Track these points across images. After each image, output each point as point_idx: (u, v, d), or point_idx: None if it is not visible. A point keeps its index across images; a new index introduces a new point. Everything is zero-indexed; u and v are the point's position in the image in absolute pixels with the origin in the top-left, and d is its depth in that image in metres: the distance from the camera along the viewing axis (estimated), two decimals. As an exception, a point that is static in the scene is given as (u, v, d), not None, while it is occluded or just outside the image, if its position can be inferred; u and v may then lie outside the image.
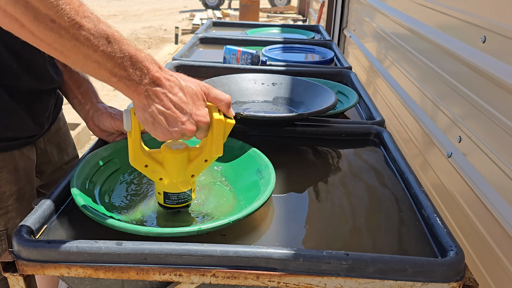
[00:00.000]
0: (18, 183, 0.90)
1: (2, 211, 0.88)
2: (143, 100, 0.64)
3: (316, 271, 0.61)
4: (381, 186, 0.90)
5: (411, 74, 1.77)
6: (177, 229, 0.65)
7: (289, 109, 1.17)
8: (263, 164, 0.84)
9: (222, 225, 0.66)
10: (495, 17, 1.13)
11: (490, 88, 1.14)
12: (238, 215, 0.68)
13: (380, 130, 1.07)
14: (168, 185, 0.73)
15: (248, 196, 0.79)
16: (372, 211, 0.81)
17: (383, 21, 2.26)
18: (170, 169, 0.72)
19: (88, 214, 0.68)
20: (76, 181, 0.75)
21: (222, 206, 0.80)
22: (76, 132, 3.21)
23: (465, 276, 0.63)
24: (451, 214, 1.34)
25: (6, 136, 0.86)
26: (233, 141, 0.93)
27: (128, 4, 13.92)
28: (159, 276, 0.62)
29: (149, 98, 0.64)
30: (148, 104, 0.64)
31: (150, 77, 0.64)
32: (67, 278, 0.64)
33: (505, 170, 1.05)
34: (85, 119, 0.97)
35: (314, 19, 5.35)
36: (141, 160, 0.71)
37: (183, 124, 0.66)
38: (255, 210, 0.70)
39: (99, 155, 0.85)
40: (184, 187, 0.74)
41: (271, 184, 0.77)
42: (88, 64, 0.61)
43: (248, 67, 1.50)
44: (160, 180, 0.73)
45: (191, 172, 0.74)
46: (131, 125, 0.68)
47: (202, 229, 0.65)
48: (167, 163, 0.72)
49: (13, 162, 0.88)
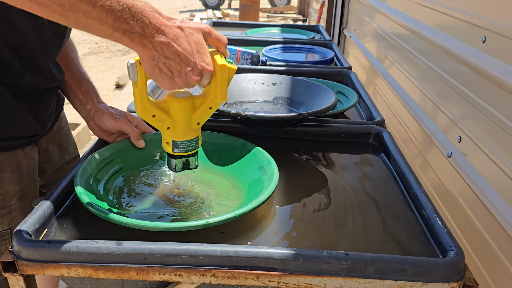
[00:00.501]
0: (21, 183, 0.90)
1: (6, 211, 0.88)
2: (149, 52, 0.65)
3: (316, 271, 0.61)
4: (381, 186, 0.90)
5: (411, 74, 1.77)
6: (184, 223, 0.66)
7: (289, 109, 1.17)
8: (265, 160, 0.85)
9: (228, 218, 0.67)
10: (495, 17, 1.13)
11: (490, 88, 1.13)
12: (244, 208, 0.69)
13: (380, 130, 1.07)
14: (175, 134, 0.75)
15: (252, 192, 0.80)
16: (372, 211, 0.81)
17: (383, 21, 2.26)
18: (177, 117, 0.74)
19: (93, 211, 0.69)
20: (79, 180, 0.75)
21: (226, 202, 0.80)
22: (76, 132, 3.21)
23: (465, 276, 0.63)
24: (451, 214, 1.34)
25: (9, 135, 0.86)
26: (234, 139, 0.93)
27: (128, 4, 13.89)
28: (159, 276, 0.62)
29: (155, 49, 0.65)
30: (154, 56, 0.65)
31: (152, 27, 0.64)
32: (67, 278, 0.64)
33: (505, 170, 1.05)
34: (86, 119, 0.97)
35: (314, 19, 5.35)
36: (148, 110, 0.73)
37: (188, 74, 0.67)
38: (260, 204, 0.71)
39: (101, 155, 0.85)
40: (191, 134, 0.76)
41: (275, 179, 0.78)
42: (90, 21, 0.61)
43: (248, 67, 1.50)
44: (167, 129, 0.75)
45: (196, 120, 0.77)
46: (137, 76, 0.70)
47: (209, 223, 0.66)
48: (174, 112, 0.74)
49: (16, 162, 0.89)
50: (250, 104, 1.20)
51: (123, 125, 0.91)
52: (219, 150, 0.94)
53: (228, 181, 0.86)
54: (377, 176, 0.93)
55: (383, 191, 0.88)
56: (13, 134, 0.87)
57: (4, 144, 0.86)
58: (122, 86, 5.14)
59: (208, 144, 0.94)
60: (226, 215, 0.67)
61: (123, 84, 5.18)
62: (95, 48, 7.33)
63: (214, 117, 1.08)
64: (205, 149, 0.94)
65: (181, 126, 0.75)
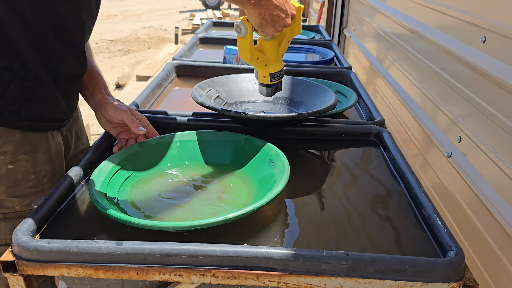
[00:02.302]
0: (52, 163, 0.95)
1: (39, 189, 0.93)
2: (257, 8, 0.87)
3: (316, 271, 0.61)
4: (381, 186, 0.90)
5: (411, 74, 1.77)
6: (205, 221, 0.66)
7: (289, 109, 1.17)
8: (274, 154, 0.86)
9: (247, 212, 0.68)
10: (495, 17, 1.12)
11: (490, 88, 1.13)
12: (261, 201, 0.70)
13: (380, 130, 1.07)
14: (271, 67, 0.98)
15: (265, 185, 0.80)
16: (372, 211, 0.81)
17: (383, 21, 2.26)
18: (271, 54, 0.97)
19: (114, 216, 0.68)
20: (97, 193, 0.75)
21: (240, 198, 0.81)
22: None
23: (465, 276, 0.63)
24: (451, 214, 1.34)
25: (44, 115, 0.91)
26: (240, 136, 0.94)
27: (128, 4, 13.92)
28: (159, 276, 0.62)
29: (262, 6, 0.87)
30: (262, 11, 0.88)
31: None
32: (67, 278, 0.64)
33: (505, 170, 1.05)
34: (94, 109, 1.00)
35: (314, 19, 5.35)
36: (254, 55, 0.94)
37: (285, 20, 0.91)
38: (276, 196, 0.72)
39: (111, 162, 0.85)
40: (280, 65, 1.00)
41: (286, 171, 0.79)
42: None
43: (248, 67, 1.50)
44: (265, 66, 0.97)
45: (281, 53, 0.99)
46: (247, 30, 0.91)
47: (228, 218, 0.66)
48: (268, 51, 0.96)
49: (47, 143, 0.94)
50: (250, 104, 1.20)
51: (125, 115, 0.94)
52: (228, 147, 0.94)
53: (239, 178, 0.87)
54: (377, 176, 0.93)
55: (383, 191, 0.88)
56: (48, 115, 0.92)
57: (41, 124, 0.91)
58: (122, 86, 5.14)
59: (216, 142, 0.95)
60: (244, 209, 0.68)
61: (123, 84, 5.18)
62: (95, 48, 7.33)
63: (214, 117, 1.09)
64: (215, 148, 0.95)
65: (274, 60, 0.98)
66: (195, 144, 0.96)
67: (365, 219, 0.78)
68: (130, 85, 5.13)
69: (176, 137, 0.96)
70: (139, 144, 0.93)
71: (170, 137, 0.95)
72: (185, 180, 0.87)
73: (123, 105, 0.98)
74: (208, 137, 0.96)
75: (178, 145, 0.95)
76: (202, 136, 0.96)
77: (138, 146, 0.92)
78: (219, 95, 1.16)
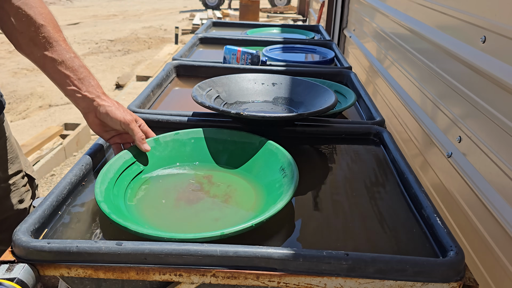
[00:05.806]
0: None
1: None
2: None
3: (316, 271, 0.61)
4: (381, 186, 0.90)
5: (411, 74, 1.77)
6: (200, 234, 0.65)
7: (289, 109, 1.17)
8: (286, 162, 0.85)
9: (244, 229, 0.66)
10: (495, 17, 1.12)
11: (490, 88, 1.13)
12: (261, 217, 0.68)
13: (380, 130, 1.07)
14: None
15: (271, 195, 0.79)
16: (372, 211, 0.81)
17: (383, 21, 2.26)
18: None
19: (115, 219, 0.68)
20: (101, 193, 0.74)
21: (246, 205, 0.80)
22: (76, 132, 3.22)
23: (465, 276, 0.63)
24: (451, 214, 1.34)
25: None
26: (255, 137, 0.94)
27: (128, 4, 13.91)
28: (159, 276, 0.62)
29: None
30: None
31: None
32: (67, 278, 0.64)
33: (505, 170, 1.05)
34: (85, 109, 0.88)
35: (314, 19, 5.35)
36: None
37: None
38: (277, 212, 0.70)
39: (120, 159, 0.84)
40: None
41: (294, 183, 0.77)
42: None
43: (248, 67, 1.50)
44: None
45: None
46: None
47: (224, 233, 0.65)
48: None
49: None
50: (250, 104, 1.20)
51: (132, 122, 0.86)
52: (242, 149, 0.94)
53: (248, 182, 0.87)
54: (377, 176, 0.93)
55: (383, 191, 0.88)
56: None
57: None
58: (122, 86, 5.13)
59: (230, 142, 0.95)
60: (242, 225, 0.66)
61: (123, 84, 5.18)
62: (95, 48, 7.32)
63: (214, 117, 1.09)
64: (228, 148, 0.95)
65: None
66: (209, 142, 0.95)
67: (365, 219, 0.78)
68: (130, 85, 5.13)
69: (191, 133, 0.96)
70: (154, 140, 0.91)
71: (186, 133, 0.95)
72: (193, 181, 0.87)
73: (126, 111, 0.89)
74: (223, 136, 0.96)
75: (193, 142, 0.95)
76: (217, 135, 0.96)
77: (153, 142, 0.91)
78: (219, 95, 1.16)
